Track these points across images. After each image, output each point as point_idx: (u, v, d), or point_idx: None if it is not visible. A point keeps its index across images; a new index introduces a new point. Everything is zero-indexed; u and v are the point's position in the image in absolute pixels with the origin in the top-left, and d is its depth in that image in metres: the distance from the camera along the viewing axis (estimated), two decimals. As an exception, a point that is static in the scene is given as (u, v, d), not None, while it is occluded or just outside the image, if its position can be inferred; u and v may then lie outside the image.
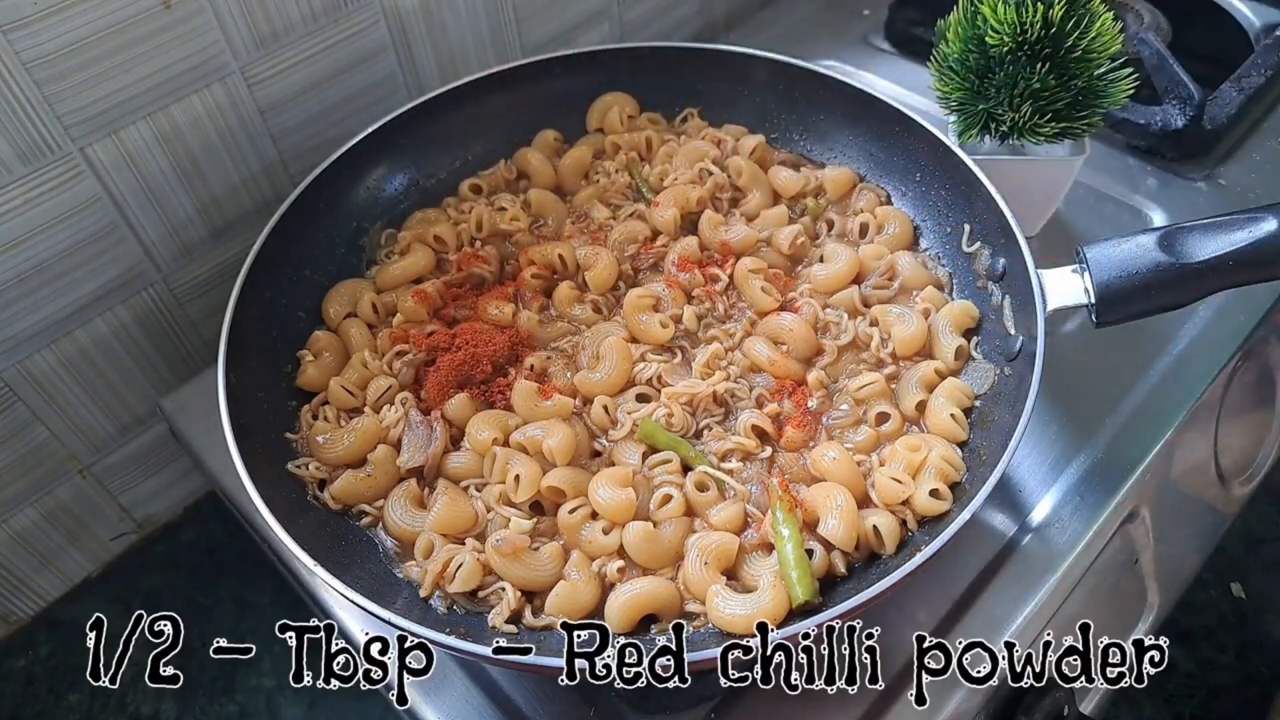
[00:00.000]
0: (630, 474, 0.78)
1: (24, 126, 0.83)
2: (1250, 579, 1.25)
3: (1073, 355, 0.95)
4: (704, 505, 0.77)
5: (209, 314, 1.06)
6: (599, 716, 0.76)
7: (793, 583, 0.69)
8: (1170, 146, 1.12)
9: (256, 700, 1.01)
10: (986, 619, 0.79)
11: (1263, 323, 0.99)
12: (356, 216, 0.99)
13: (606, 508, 0.76)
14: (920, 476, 0.76)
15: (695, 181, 1.00)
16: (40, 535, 1.04)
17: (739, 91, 1.07)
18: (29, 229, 0.88)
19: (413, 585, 0.76)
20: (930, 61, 0.99)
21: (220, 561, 1.11)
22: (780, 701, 0.75)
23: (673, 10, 1.38)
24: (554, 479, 0.78)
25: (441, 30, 1.11)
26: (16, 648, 1.05)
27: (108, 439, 1.05)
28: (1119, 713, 1.13)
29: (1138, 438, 0.90)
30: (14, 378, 0.94)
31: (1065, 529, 0.84)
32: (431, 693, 0.78)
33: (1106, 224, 1.08)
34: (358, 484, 0.80)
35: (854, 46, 1.35)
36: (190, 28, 0.90)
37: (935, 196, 0.96)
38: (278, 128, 1.02)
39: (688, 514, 0.77)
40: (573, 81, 1.07)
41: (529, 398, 0.83)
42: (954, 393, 0.81)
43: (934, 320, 0.87)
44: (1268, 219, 0.71)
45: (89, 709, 1.01)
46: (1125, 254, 0.74)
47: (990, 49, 0.90)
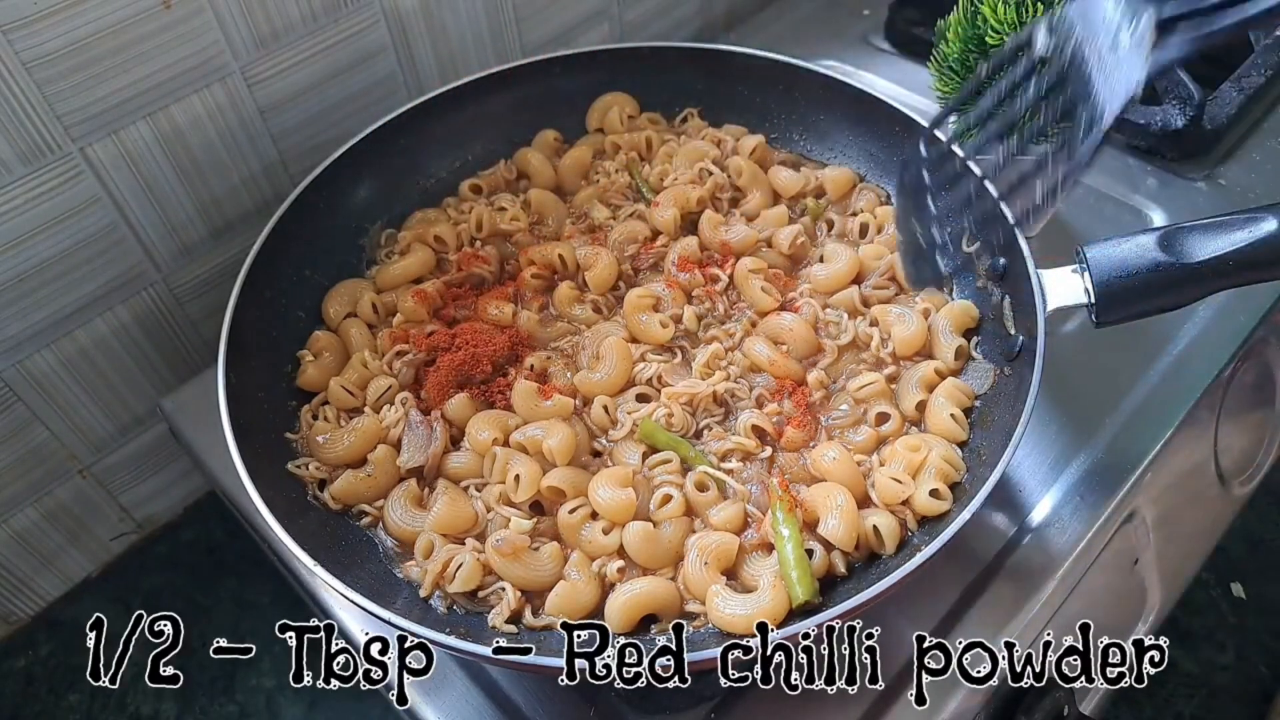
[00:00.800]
0: (630, 474, 0.78)
1: (24, 126, 0.83)
2: (1250, 579, 1.25)
3: (1073, 355, 0.95)
4: (704, 505, 0.77)
5: (209, 314, 1.06)
6: (599, 716, 0.76)
7: (793, 583, 0.69)
8: (1170, 146, 1.12)
9: (256, 700, 1.01)
10: (986, 619, 0.79)
11: (1263, 323, 0.99)
12: (356, 216, 0.99)
13: (607, 508, 0.75)
14: (920, 477, 0.76)
15: (695, 181, 1.00)
16: (40, 535, 1.04)
17: (739, 91, 1.07)
18: (29, 229, 0.88)
19: (413, 585, 0.76)
20: (930, 61, 0.99)
21: (220, 561, 1.11)
22: (780, 702, 0.75)
23: (673, 10, 1.38)
24: (554, 479, 0.77)
25: (441, 30, 1.11)
26: (16, 648, 1.05)
27: (108, 439, 1.05)
28: (1119, 713, 1.13)
29: (1138, 438, 0.90)
30: (14, 378, 0.94)
31: (1065, 529, 0.84)
32: (431, 693, 0.78)
33: (1106, 224, 1.08)
34: (357, 484, 0.80)
35: (854, 46, 1.35)
36: (190, 28, 0.90)
37: (935, 196, 0.96)
38: (278, 128, 1.02)
39: (688, 514, 0.77)
40: (573, 81, 1.07)
41: (529, 398, 0.83)
42: (954, 393, 0.81)
43: (934, 320, 0.87)
44: (1268, 219, 0.71)
45: (89, 709, 1.01)
46: (1125, 254, 0.74)
47: (990, 49, 0.90)
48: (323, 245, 0.96)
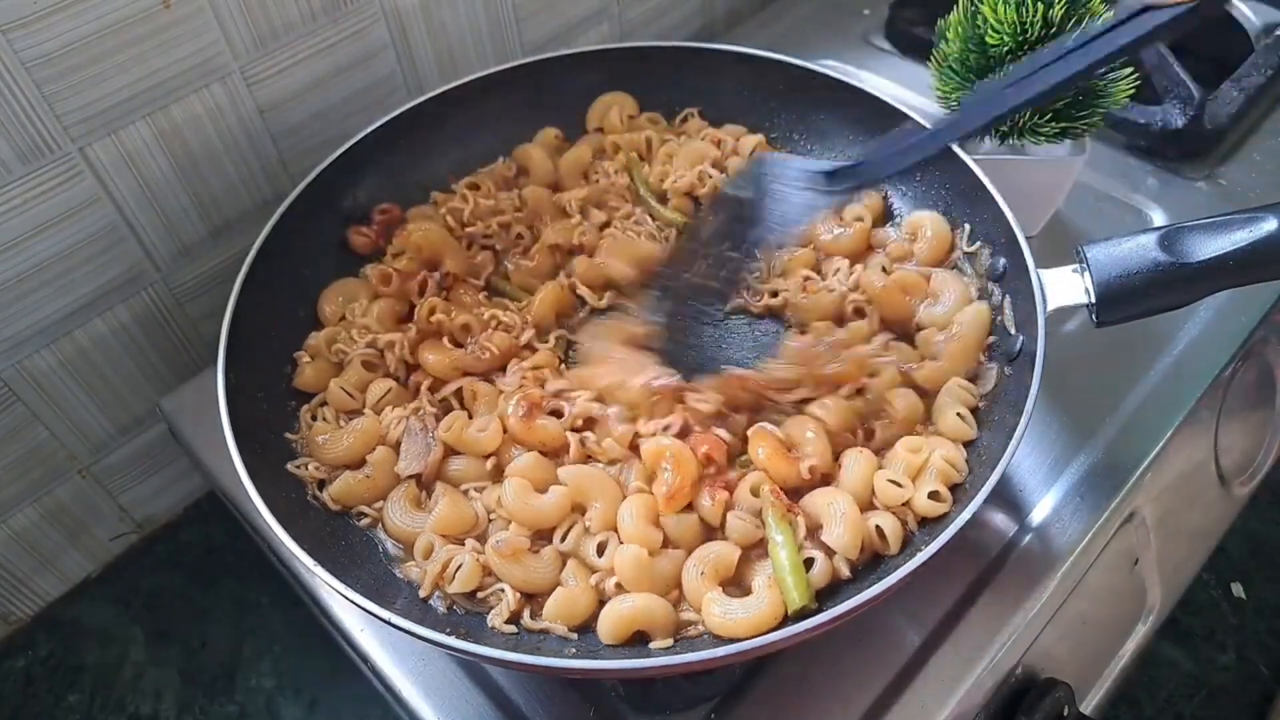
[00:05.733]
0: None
1: (24, 126, 0.83)
2: (1250, 579, 1.24)
3: (1073, 355, 0.95)
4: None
5: (209, 314, 1.06)
6: (599, 717, 0.76)
7: (788, 588, 0.69)
8: (1170, 146, 1.12)
9: (256, 700, 1.01)
10: (987, 619, 0.79)
11: (1263, 323, 0.99)
12: (356, 216, 0.99)
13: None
14: (920, 479, 0.76)
15: (696, 183, 1.00)
16: (40, 535, 1.04)
17: (739, 91, 1.07)
18: (28, 229, 0.88)
19: (413, 585, 0.76)
20: (930, 61, 0.99)
21: (220, 561, 1.11)
22: (780, 703, 0.75)
23: (673, 10, 1.38)
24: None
25: (441, 30, 1.11)
26: (16, 648, 1.05)
27: (107, 439, 1.04)
28: (1119, 713, 1.13)
29: (1138, 438, 0.90)
30: (13, 378, 0.93)
31: (1065, 529, 0.84)
32: (431, 693, 0.78)
33: (1106, 224, 1.08)
34: (356, 485, 0.80)
35: (854, 46, 1.35)
36: (190, 27, 0.90)
37: (936, 196, 0.96)
38: (277, 127, 1.02)
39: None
40: (573, 81, 1.07)
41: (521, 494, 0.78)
42: (959, 392, 0.81)
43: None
44: (1268, 219, 0.71)
45: (89, 709, 1.01)
46: (1125, 254, 0.74)
47: (990, 49, 0.90)
48: (322, 245, 0.96)
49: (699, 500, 0.76)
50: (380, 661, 0.80)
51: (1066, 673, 0.86)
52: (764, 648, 0.64)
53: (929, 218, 0.93)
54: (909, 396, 0.81)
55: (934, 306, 0.88)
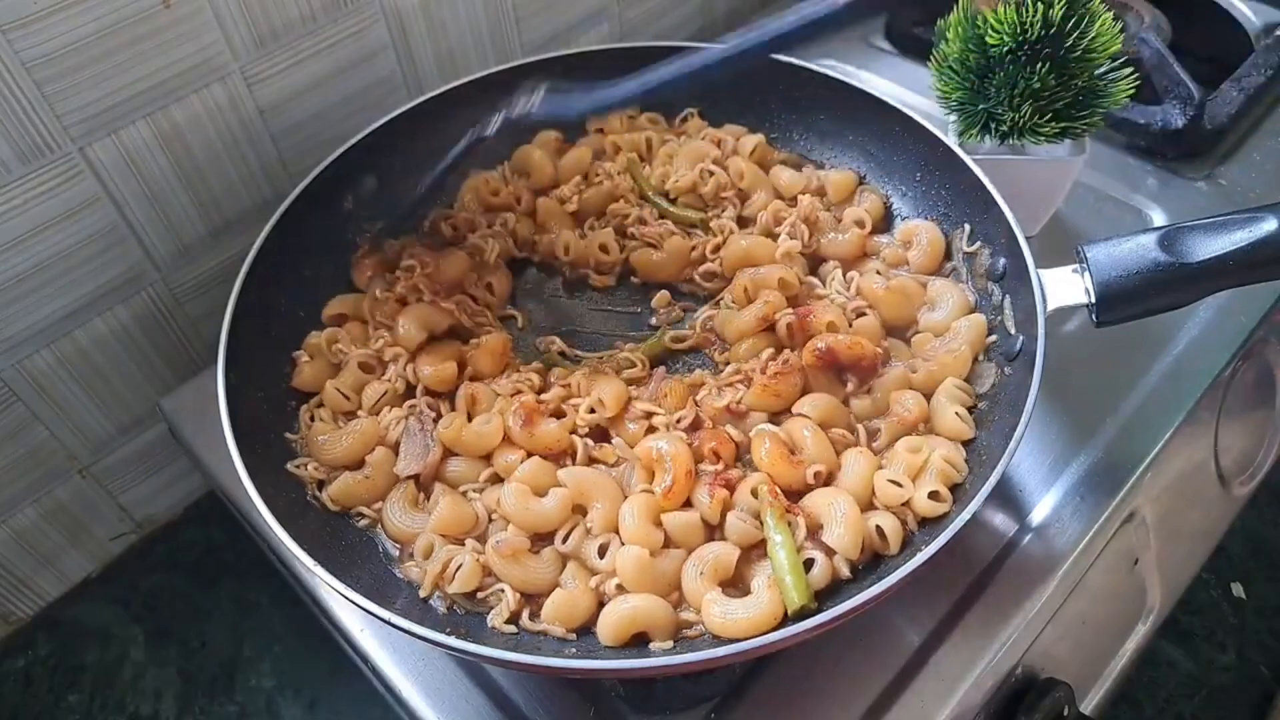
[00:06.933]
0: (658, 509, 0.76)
1: (24, 126, 0.83)
2: (1250, 579, 1.24)
3: (1073, 355, 0.95)
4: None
5: (209, 314, 1.06)
6: (599, 717, 0.76)
7: (787, 588, 0.69)
8: (1170, 146, 1.12)
9: (256, 700, 1.01)
10: (986, 619, 0.79)
11: (1263, 323, 0.99)
12: (356, 216, 0.99)
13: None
14: (920, 479, 0.76)
15: (697, 183, 1.00)
16: (40, 535, 1.04)
17: (739, 91, 1.07)
18: (28, 229, 0.88)
19: (413, 585, 0.76)
20: (930, 61, 0.99)
21: (220, 561, 1.11)
22: (780, 703, 0.75)
23: (673, 10, 1.38)
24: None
25: (441, 30, 1.11)
26: (16, 648, 1.05)
27: (107, 439, 1.04)
28: (1119, 713, 1.13)
29: (1138, 438, 0.90)
30: (13, 378, 0.93)
31: (1065, 529, 0.84)
32: (431, 693, 0.78)
33: (1106, 224, 1.08)
34: (355, 486, 0.80)
35: (854, 46, 1.35)
36: (190, 27, 0.90)
37: (936, 196, 0.96)
38: (277, 127, 1.02)
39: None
40: (573, 81, 1.07)
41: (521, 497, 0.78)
42: (955, 392, 0.81)
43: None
44: (1268, 219, 0.71)
45: (89, 709, 1.01)
46: (1125, 254, 0.74)
47: (990, 49, 0.90)
48: (322, 245, 0.96)
49: (697, 497, 0.76)
50: (380, 661, 0.80)
51: (1066, 673, 0.86)
52: (764, 648, 0.64)
53: (923, 225, 0.94)
54: (918, 397, 0.81)
55: (932, 313, 0.88)
